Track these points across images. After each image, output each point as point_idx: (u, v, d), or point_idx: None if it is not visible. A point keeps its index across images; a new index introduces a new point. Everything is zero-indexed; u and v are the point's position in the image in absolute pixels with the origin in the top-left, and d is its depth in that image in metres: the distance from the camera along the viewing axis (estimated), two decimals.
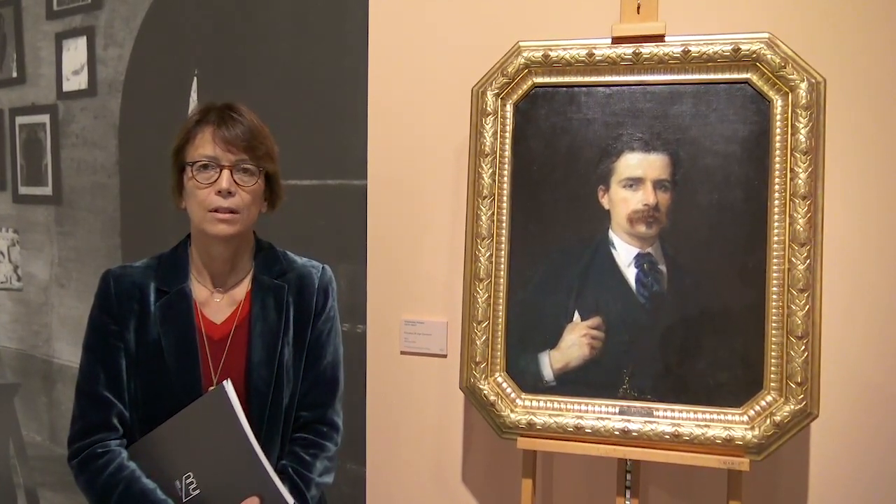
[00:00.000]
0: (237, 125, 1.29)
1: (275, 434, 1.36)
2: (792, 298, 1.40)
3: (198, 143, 1.29)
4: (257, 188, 1.32)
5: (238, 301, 1.38)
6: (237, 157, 1.29)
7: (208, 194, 1.28)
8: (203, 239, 1.35)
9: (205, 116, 1.31)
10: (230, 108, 1.32)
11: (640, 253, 1.50)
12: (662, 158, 1.49)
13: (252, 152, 1.30)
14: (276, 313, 1.37)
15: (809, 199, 1.40)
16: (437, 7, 1.83)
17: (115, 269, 1.38)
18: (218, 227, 1.29)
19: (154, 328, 1.32)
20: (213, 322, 1.36)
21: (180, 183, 1.34)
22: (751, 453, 1.41)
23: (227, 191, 1.27)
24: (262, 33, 2.03)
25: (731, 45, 1.45)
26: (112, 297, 1.35)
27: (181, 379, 1.31)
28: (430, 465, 1.89)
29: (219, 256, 1.36)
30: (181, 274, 1.37)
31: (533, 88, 1.56)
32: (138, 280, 1.36)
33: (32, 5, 2.41)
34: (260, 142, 1.31)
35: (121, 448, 1.32)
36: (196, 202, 1.29)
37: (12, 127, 2.48)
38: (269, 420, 1.34)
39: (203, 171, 1.28)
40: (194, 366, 1.32)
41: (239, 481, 1.24)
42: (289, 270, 1.42)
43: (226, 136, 1.28)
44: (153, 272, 1.37)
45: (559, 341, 1.53)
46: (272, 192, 1.39)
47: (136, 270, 1.38)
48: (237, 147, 1.28)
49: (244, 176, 1.30)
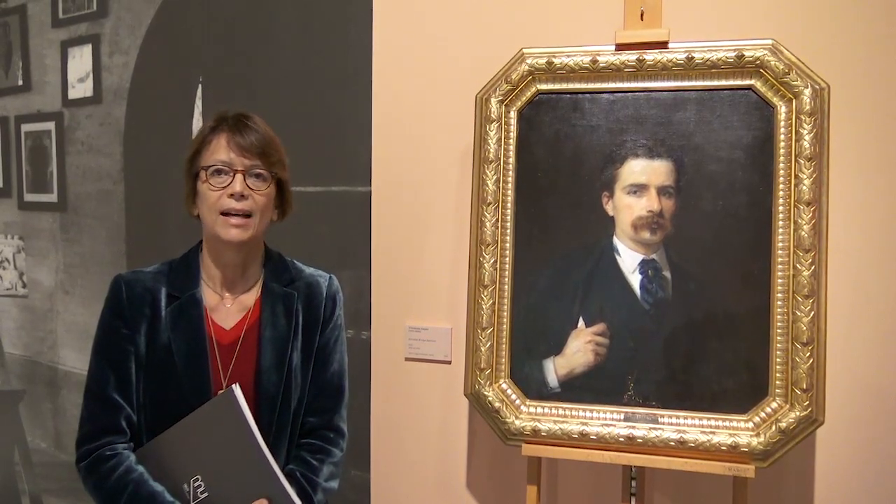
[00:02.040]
0: (251, 132, 1.33)
1: (283, 439, 1.38)
2: (797, 304, 1.40)
3: (213, 149, 1.32)
4: (269, 193, 1.35)
5: (247, 307, 1.40)
6: (251, 163, 1.32)
7: (220, 197, 1.30)
8: (215, 245, 1.37)
9: (220, 124, 1.35)
10: (244, 117, 1.35)
11: (645, 259, 1.50)
12: (666, 165, 1.49)
13: (265, 158, 1.33)
14: (286, 320, 1.39)
15: (814, 205, 1.40)
16: (441, 14, 1.83)
17: (127, 274, 1.40)
18: (231, 232, 1.31)
19: (165, 333, 1.34)
20: (223, 327, 1.38)
21: (194, 190, 1.36)
22: (756, 460, 1.40)
23: (239, 194, 1.30)
24: (267, 40, 2.04)
25: (735, 52, 1.45)
26: (123, 302, 1.36)
27: (190, 383, 1.32)
28: (435, 472, 1.89)
29: (230, 262, 1.38)
30: (192, 279, 1.39)
31: (537, 95, 1.57)
32: (150, 285, 1.37)
33: (38, 13, 2.43)
34: (273, 149, 1.35)
35: (129, 451, 1.33)
36: (208, 206, 1.32)
37: (18, 134, 2.49)
38: (277, 425, 1.36)
39: (217, 176, 1.31)
40: (204, 370, 1.33)
41: (247, 484, 1.25)
42: (298, 279, 1.44)
43: (240, 142, 1.31)
44: (164, 277, 1.39)
45: (564, 348, 1.53)
46: (283, 201, 1.41)
47: (147, 275, 1.39)
48: (251, 153, 1.31)
49: (257, 181, 1.32)
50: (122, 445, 1.33)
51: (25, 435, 2.54)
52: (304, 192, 1.98)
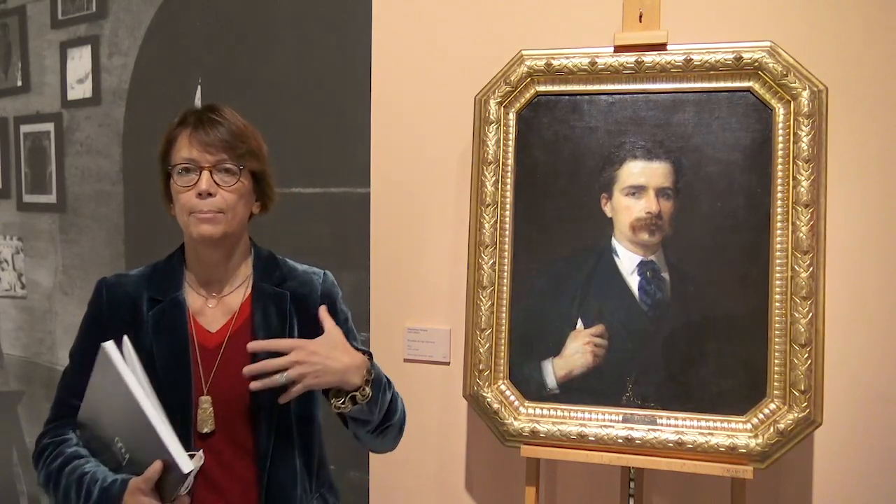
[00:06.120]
0: (215, 126, 1.27)
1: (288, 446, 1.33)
2: (795, 306, 1.40)
3: (178, 147, 1.28)
4: (241, 187, 1.29)
5: (233, 310, 1.34)
6: (216, 158, 1.26)
7: (189, 197, 1.26)
8: (192, 243, 1.33)
9: (183, 120, 1.30)
10: (209, 110, 1.30)
11: (643, 260, 1.50)
12: (665, 166, 1.50)
13: (232, 152, 1.27)
14: (279, 322, 1.34)
15: (812, 206, 1.40)
16: (440, 16, 1.84)
17: (110, 278, 1.37)
18: (201, 228, 1.25)
19: (147, 338, 1.30)
20: (208, 331, 1.33)
21: (168, 189, 1.32)
22: (754, 461, 1.41)
23: (206, 192, 1.25)
24: (266, 41, 2.04)
25: (734, 54, 1.45)
26: (103, 307, 1.33)
27: (171, 388, 1.27)
28: (434, 473, 1.89)
29: (209, 260, 1.33)
30: (175, 282, 1.35)
31: (536, 97, 1.57)
32: (131, 290, 1.34)
33: (37, 14, 2.43)
34: (241, 141, 1.29)
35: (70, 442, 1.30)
36: (180, 205, 1.28)
37: (17, 135, 2.49)
38: (277, 432, 1.31)
39: (184, 175, 1.26)
40: (185, 374, 1.28)
41: (146, 445, 1.18)
42: (289, 278, 1.39)
43: (203, 138, 1.26)
44: (147, 280, 1.35)
45: (562, 349, 1.53)
46: (262, 193, 1.36)
47: (129, 279, 1.36)
48: (215, 147, 1.26)
49: (225, 176, 1.27)
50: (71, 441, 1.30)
51: (24, 436, 2.54)
52: (304, 193, 1.98)
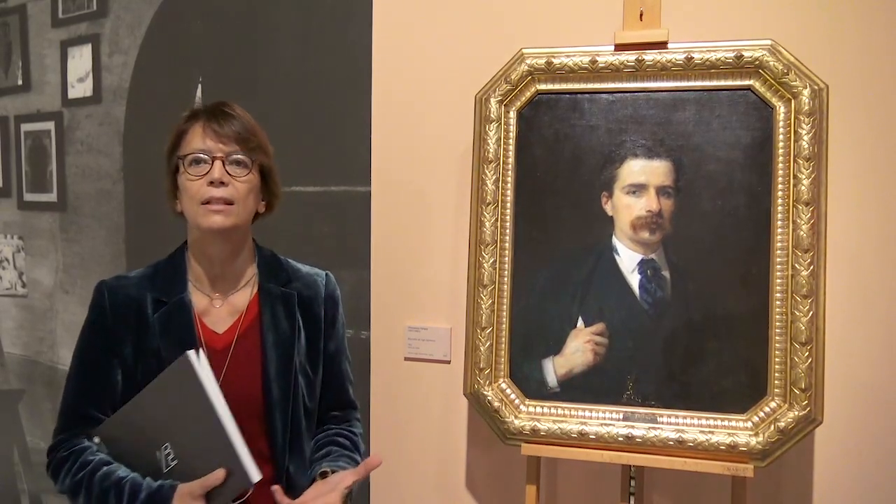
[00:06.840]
0: (229, 118, 1.28)
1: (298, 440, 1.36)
2: (795, 304, 1.40)
3: (189, 139, 1.28)
4: (251, 180, 1.29)
5: (240, 310, 1.34)
6: (229, 149, 1.27)
7: (201, 186, 1.25)
8: (199, 238, 1.32)
9: (195, 115, 1.31)
10: (222, 104, 1.32)
11: (644, 259, 1.50)
12: (665, 165, 1.50)
13: (244, 144, 1.28)
14: (288, 322, 1.35)
15: (812, 205, 1.40)
16: (441, 14, 1.84)
17: (110, 281, 1.34)
18: (212, 219, 1.25)
19: (154, 340, 1.28)
20: (215, 332, 1.32)
21: (174, 184, 1.31)
22: (755, 459, 1.41)
23: (219, 181, 1.25)
24: (266, 40, 2.04)
25: (734, 52, 1.45)
26: (107, 311, 1.31)
27: None
28: (434, 472, 1.89)
29: (216, 256, 1.32)
30: (179, 283, 1.33)
31: (536, 95, 1.57)
32: (134, 292, 1.31)
33: (38, 13, 2.43)
34: (252, 134, 1.30)
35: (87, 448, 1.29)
36: (189, 196, 1.27)
37: (17, 134, 2.49)
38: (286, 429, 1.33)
39: (196, 165, 1.26)
40: None
41: (209, 452, 1.20)
42: (294, 279, 1.40)
43: (217, 129, 1.27)
44: (149, 282, 1.33)
45: (563, 347, 1.53)
46: (269, 191, 1.36)
47: (131, 282, 1.34)
48: (228, 138, 1.27)
49: (237, 168, 1.27)
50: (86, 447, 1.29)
51: (25, 434, 2.54)
52: (304, 192, 1.98)
